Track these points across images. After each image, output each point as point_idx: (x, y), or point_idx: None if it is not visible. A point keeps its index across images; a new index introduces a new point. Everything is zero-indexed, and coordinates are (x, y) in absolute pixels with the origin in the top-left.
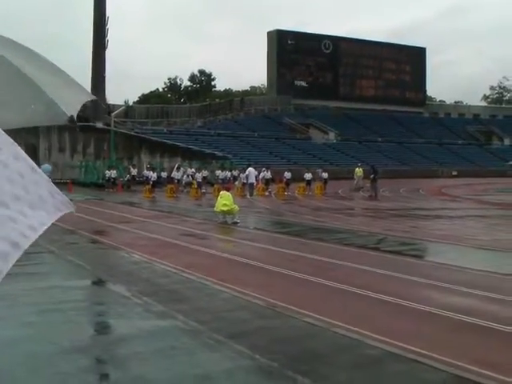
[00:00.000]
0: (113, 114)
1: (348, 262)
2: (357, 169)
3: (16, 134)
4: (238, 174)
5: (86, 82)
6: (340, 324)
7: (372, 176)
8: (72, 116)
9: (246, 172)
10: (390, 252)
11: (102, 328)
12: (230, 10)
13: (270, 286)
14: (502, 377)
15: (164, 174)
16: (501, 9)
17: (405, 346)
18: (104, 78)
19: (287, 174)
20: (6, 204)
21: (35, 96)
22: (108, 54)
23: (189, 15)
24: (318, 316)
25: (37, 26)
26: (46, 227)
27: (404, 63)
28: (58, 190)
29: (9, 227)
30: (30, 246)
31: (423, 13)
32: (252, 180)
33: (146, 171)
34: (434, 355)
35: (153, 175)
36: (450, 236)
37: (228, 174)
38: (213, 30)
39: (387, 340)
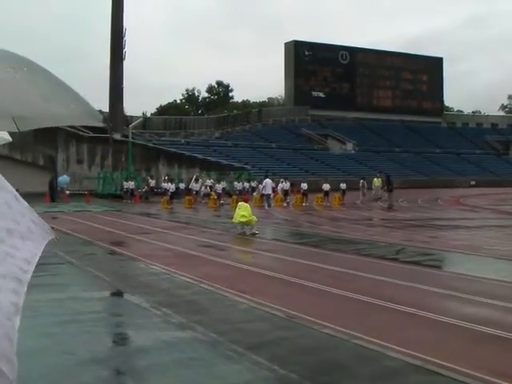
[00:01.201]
0: (131, 126)
1: (367, 273)
2: (375, 179)
3: (35, 145)
4: (257, 185)
5: (104, 93)
6: (359, 335)
7: (387, 187)
8: (106, 118)
9: (263, 183)
10: (409, 262)
11: (121, 339)
12: (248, 22)
13: (288, 296)
14: None
15: (182, 186)
16: None
17: (425, 357)
18: (122, 89)
19: (303, 185)
20: (2, 239)
21: (72, 97)
22: (126, 65)
23: (207, 27)
24: (337, 327)
25: (54, 38)
26: (37, 258)
27: (421, 73)
28: (39, 218)
29: (9, 263)
30: (48, 256)
31: (441, 23)
32: (269, 191)
33: (164, 183)
34: (454, 366)
35: (171, 186)
36: (468, 246)
37: (246, 185)
38: (231, 42)
39: (407, 351)
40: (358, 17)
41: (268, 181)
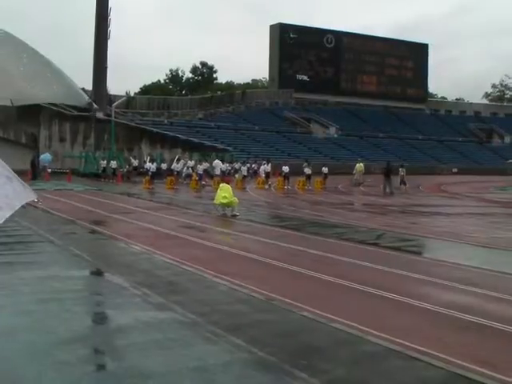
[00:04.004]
0: (114, 105)
1: (347, 258)
2: (357, 164)
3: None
4: (240, 167)
5: (88, 71)
6: (339, 319)
7: (386, 172)
8: (91, 101)
9: (213, 164)
10: (389, 248)
11: (101, 318)
12: (234, 3)
13: (268, 279)
14: (500, 376)
15: (164, 166)
16: (507, 7)
17: (404, 342)
18: (106, 68)
19: (285, 168)
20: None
21: (56, 78)
22: (110, 44)
23: (191, 7)
24: (316, 311)
25: (39, 17)
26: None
27: (406, 59)
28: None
29: None
30: (30, 235)
31: (430, 10)
32: (217, 172)
33: (146, 163)
34: (434, 352)
35: (152, 166)
36: (448, 233)
37: (228, 166)
38: (216, 23)
39: (387, 337)
40: (347, 1)
41: (217, 162)
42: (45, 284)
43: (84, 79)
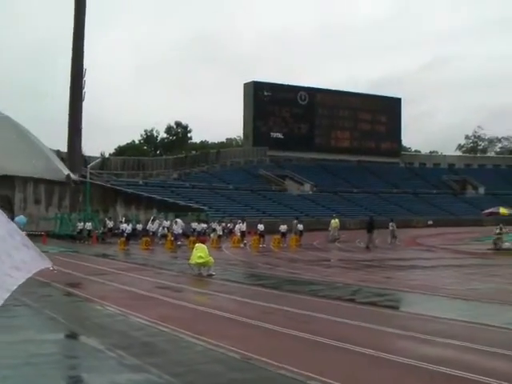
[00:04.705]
0: (89, 166)
1: (323, 314)
2: (332, 220)
3: None
4: (216, 227)
5: (63, 132)
6: (316, 376)
7: (369, 227)
8: (69, 174)
9: (174, 222)
10: (365, 303)
11: (76, 382)
12: (208, 62)
13: (244, 338)
14: None
15: (139, 227)
16: (478, 60)
17: None
18: (80, 129)
19: (260, 226)
20: None
21: (34, 151)
22: (85, 105)
23: (165, 67)
24: (293, 368)
25: (14, 76)
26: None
27: (379, 114)
28: (37, 250)
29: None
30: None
31: (402, 64)
32: (178, 230)
33: (121, 224)
34: None
35: (127, 227)
36: (424, 286)
37: (204, 226)
38: (190, 82)
39: None
40: (321, 57)
41: (179, 221)
42: (20, 348)
43: (59, 140)
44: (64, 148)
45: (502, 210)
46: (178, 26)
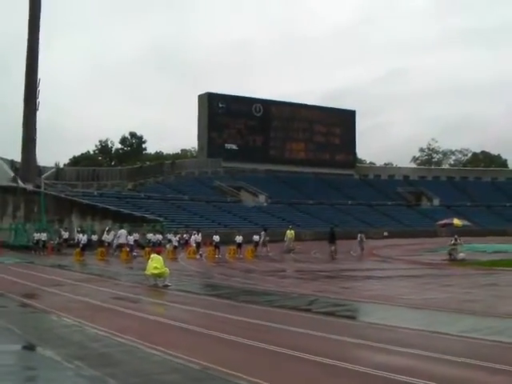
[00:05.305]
0: (43, 177)
1: (280, 324)
2: (288, 231)
3: None
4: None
5: (18, 143)
6: None
7: (330, 238)
8: (15, 176)
9: (118, 233)
10: (322, 313)
11: None
12: (162, 73)
13: (202, 348)
14: None
15: (95, 237)
16: (432, 73)
17: None
18: (35, 140)
19: (215, 237)
20: None
21: None
22: (40, 115)
23: (121, 77)
24: (250, 378)
25: None
26: None
27: (334, 126)
28: None
29: None
30: None
31: (357, 76)
32: (123, 241)
33: (76, 234)
34: None
35: (83, 238)
36: (380, 296)
37: (159, 236)
38: (145, 93)
39: None
40: (276, 69)
41: (123, 231)
42: None
43: (14, 150)
44: (18, 158)
45: (456, 222)
46: (135, 36)
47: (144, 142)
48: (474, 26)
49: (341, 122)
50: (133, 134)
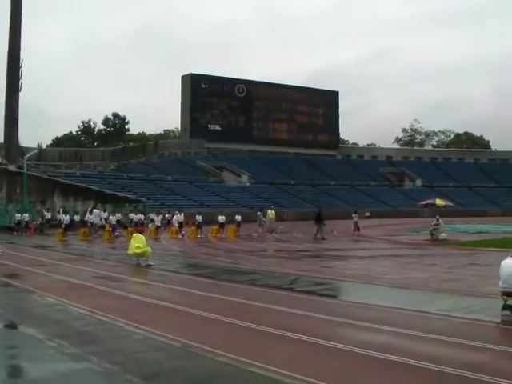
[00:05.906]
0: (25, 157)
1: (262, 303)
2: (269, 211)
3: None
4: (153, 218)
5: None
6: (256, 363)
7: (317, 218)
8: None
9: (93, 213)
10: (304, 292)
11: (15, 371)
12: (145, 53)
13: (184, 327)
14: None
15: (77, 218)
16: (416, 54)
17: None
18: (17, 120)
19: (198, 217)
20: None
21: None
22: (22, 95)
23: (103, 58)
24: (232, 356)
25: None
26: None
27: (317, 107)
28: None
29: None
30: None
31: (341, 57)
32: (96, 221)
33: (59, 214)
34: None
35: (65, 218)
36: (362, 275)
37: (141, 216)
38: (129, 73)
39: (305, 379)
40: (261, 50)
41: (95, 211)
42: None
43: None
44: (0, 139)
45: (438, 202)
46: (118, 17)
47: (127, 123)
48: (461, 7)
49: (324, 103)
50: (115, 115)
